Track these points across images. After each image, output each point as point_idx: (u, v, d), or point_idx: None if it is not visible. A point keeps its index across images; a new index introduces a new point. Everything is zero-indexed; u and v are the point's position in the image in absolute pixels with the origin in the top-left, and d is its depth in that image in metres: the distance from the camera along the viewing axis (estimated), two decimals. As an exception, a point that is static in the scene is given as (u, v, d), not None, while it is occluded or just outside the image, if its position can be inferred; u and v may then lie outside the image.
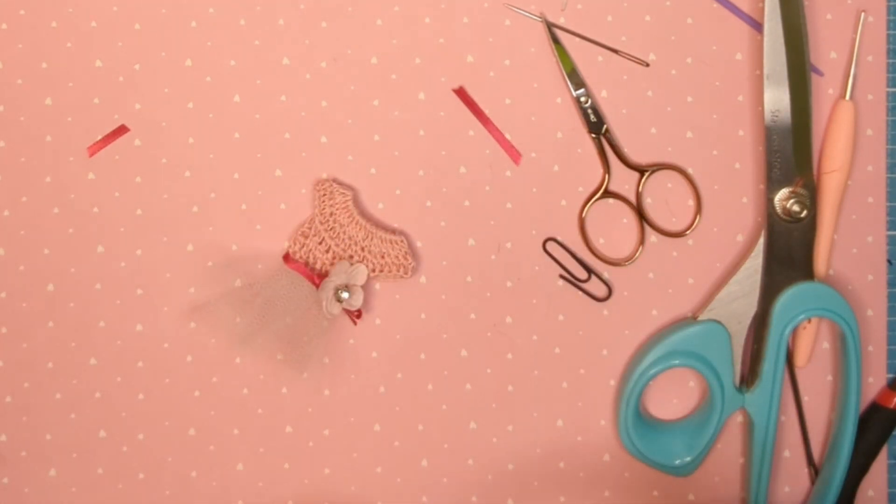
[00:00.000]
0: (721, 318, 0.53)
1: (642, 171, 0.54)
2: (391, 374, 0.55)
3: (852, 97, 0.54)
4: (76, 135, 0.54)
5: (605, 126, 0.54)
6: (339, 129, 0.55)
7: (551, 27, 0.54)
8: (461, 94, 0.54)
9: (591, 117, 0.54)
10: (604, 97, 0.55)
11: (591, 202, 0.54)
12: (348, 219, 0.53)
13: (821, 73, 0.54)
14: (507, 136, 0.55)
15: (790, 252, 0.52)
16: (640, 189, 0.54)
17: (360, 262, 0.53)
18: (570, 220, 0.55)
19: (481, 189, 0.55)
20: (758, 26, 0.54)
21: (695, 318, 0.53)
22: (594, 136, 0.54)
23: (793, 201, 0.52)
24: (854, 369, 0.52)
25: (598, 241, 0.55)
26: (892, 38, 0.55)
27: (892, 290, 0.55)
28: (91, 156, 0.54)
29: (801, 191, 0.52)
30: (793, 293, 0.52)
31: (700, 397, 0.55)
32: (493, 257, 0.55)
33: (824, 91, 0.55)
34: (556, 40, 0.54)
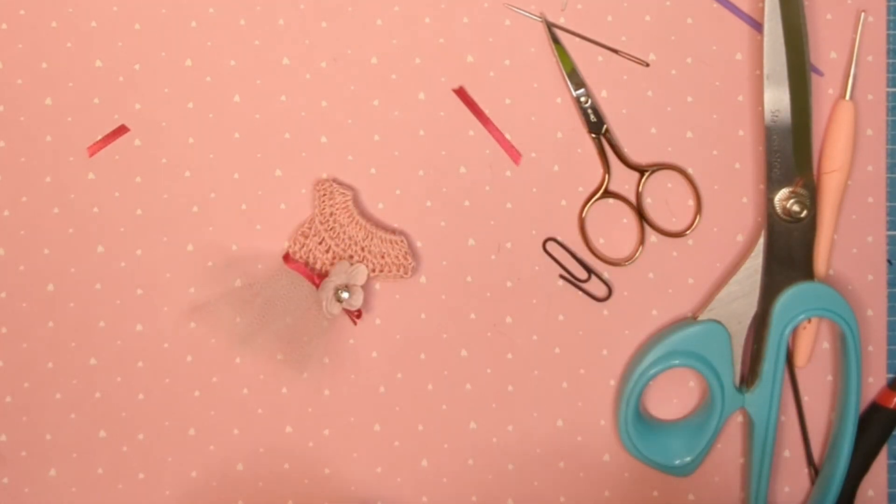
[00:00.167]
0: (721, 318, 0.53)
1: (642, 171, 0.54)
2: (391, 374, 0.55)
3: (852, 97, 0.54)
4: (76, 135, 0.54)
5: (605, 126, 0.54)
6: (339, 129, 0.55)
7: (551, 27, 0.54)
8: (461, 94, 0.54)
9: (591, 117, 0.54)
10: (604, 97, 0.55)
11: (591, 202, 0.54)
12: (348, 219, 0.53)
13: (821, 73, 0.54)
14: (507, 136, 0.55)
15: (790, 252, 0.52)
16: (640, 189, 0.54)
17: (360, 262, 0.53)
18: (570, 220, 0.55)
19: (481, 189, 0.55)
20: (758, 26, 0.54)
21: (695, 318, 0.53)
22: (594, 136, 0.54)
23: (793, 201, 0.52)
24: (854, 369, 0.52)
25: (598, 241, 0.55)
26: (892, 38, 0.55)
27: (892, 290, 0.55)
28: (91, 156, 0.54)
29: (801, 191, 0.52)
30: (793, 293, 0.52)
31: (700, 397, 0.55)
32: (493, 257, 0.55)
33: (824, 91, 0.55)
34: (556, 40, 0.54)
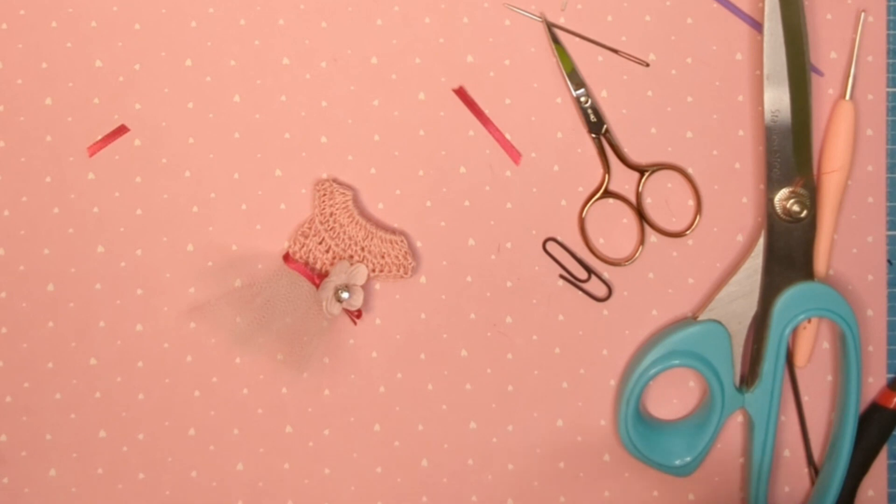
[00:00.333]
0: (721, 318, 0.53)
1: (642, 171, 0.54)
2: (391, 374, 0.55)
3: (852, 97, 0.54)
4: (76, 135, 0.54)
5: (605, 126, 0.54)
6: (339, 129, 0.55)
7: (551, 27, 0.54)
8: (461, 94, 0.54)
9: (591, 117, 0.54)
10: (604, 97, 0.55)
11: (591, 202, 0.54)
12: (348, 219, 0.53)
13: (821, 73, 0.54)
14: (507, 136, 0.55)
15: (790, 252, 0.52)
16: (640, 189, 0.54)
17: (360, 262, 0.53)
18: (570, 220, 0.55)
19: (481, 189, 0.55)
20: (758, 26, 0.54)
21: (695, 318, 0.53)
22: (594, 136, 0.54)
23: (793, 201, 0.52)
24: (854, 369, 0.52)
25: (598, 241, 0.55)
26: (892, 38, 0.55)
27: (892, 290, 0.55)
28: (91, 156, 0.54)
29: (801, 191, 0.52)
30: (793, 293, 0.52)
31: (700, 397, 0.55)
32: (493, 257, 0.55)
33: (824, 91, 0.55)
34: (556, 40, 0.54)
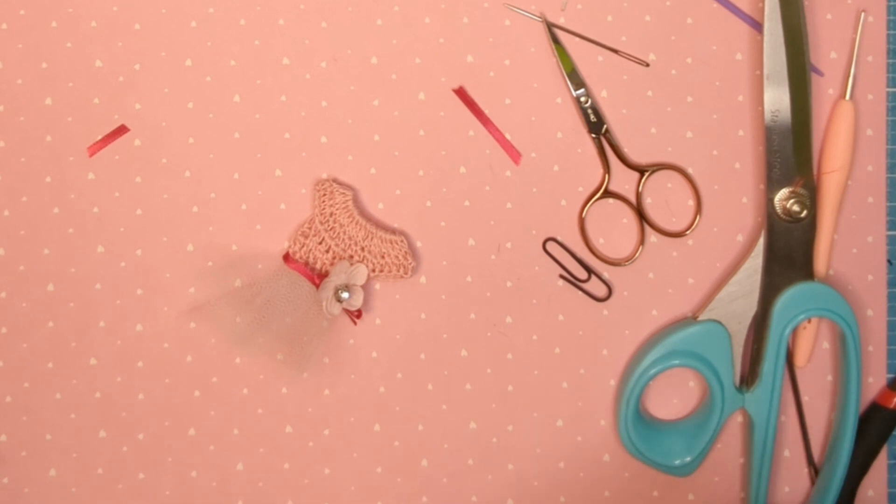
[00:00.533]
0: (721, 318, 0.53)
1: (642, 171, 0.54)
2: (391, 374, 0.55)
3: (852, 97, 0.54)
4: (76, 135, 0.54)
5: (605, 126, 0.54)
6: (339, 129, 0.55)
7: (551, 27, 0.54)
8: (461, 94, 0.54)
9: (591, 117, 0.54)
10: (604, 97, 0.55)
11: (591, 202, 0.54)
12: (348, 219, 0.53)
13: (821, 73, 0.54)
14: (507, 136, 0.55)
15: (790, 252, 0.52)
16: (640, 189, 0.54)
17: (360, 262, 0.53)
18: (570, 220, 0.55)
19: (481, 189, 0.55)
20: (758, 26, 0.54)
21: (695, 318, 0.53)
22: (594, 136, 0.54)
23: (793, 201, 0.52)
24: (854, 369, 0.52)
25: (598, 241, 0.55)
26: (892, 38, 0.55)
27: (892, 290, 0.55)
28: (91, 156, 0.54)
29: (801, 191, 0.52)
30: (793, 293, 0.52)
31: (700, 397, 0.55)
32: (493, 257, 0.55)
33: (824, 91, 0.55)
34: (556, 40, 0.54)
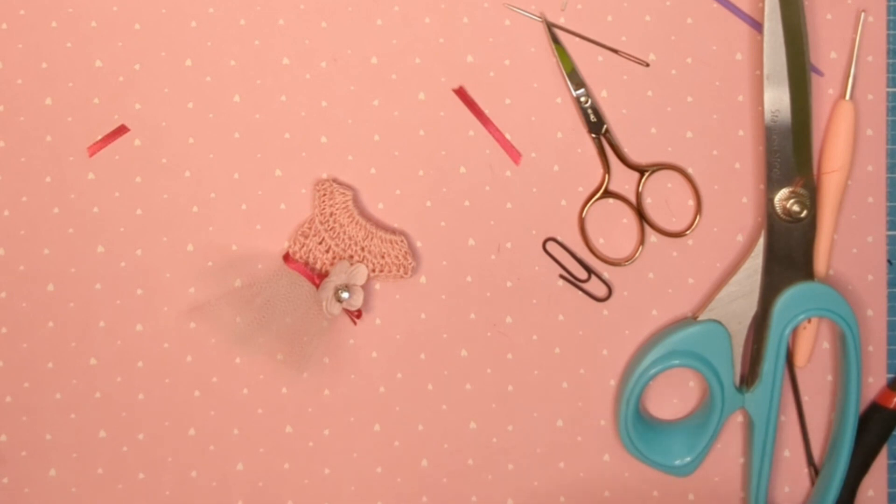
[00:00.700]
0: (721, 318, 0.53)
1: (642, 171, 0.54)
2: (391, 374, 0.55)
3: (852, 97, 0.54)
4: (76, 135, 0.54)
5: (605, 126, 0.54)
6: (339, 129, 0.55)
7: (551, 27, 0.54)
8: (461, 94, 0.54)
9: (591, 117, 0.54)
10: (604, 97, 0.55)
11: (591, 202, 0.54)
12: (348, 219, 0.53)
13: (821, 73, 0.54)
14: (507, 136, 0.55)
15: (790, 252, 0.52)
16: (640, 189, 0.54)
17: (360, 262, 0.53)
18: (570, 220, 0.55)
19: (481, 189, 0.55)
20: (758, 26, 0.54)
21: (695, 318, 0.53)
22: (594, 136, 0.54)
23: (793, 201, 0.52)
24: (854, 369, 0.52)
25: (598, 241, 0.55)
26: (892, 38, 0.55)
27: (892, 290, 0.55)
28: (91, 156, 0.54)
29: (801, 191, 0.52)
30: (793, 293, 0.52)
31: (700, 397, 0.55)
32: (493, 257, 0.55)
33: (824, 91, 0.55)
34: (556, 40, 0.54)
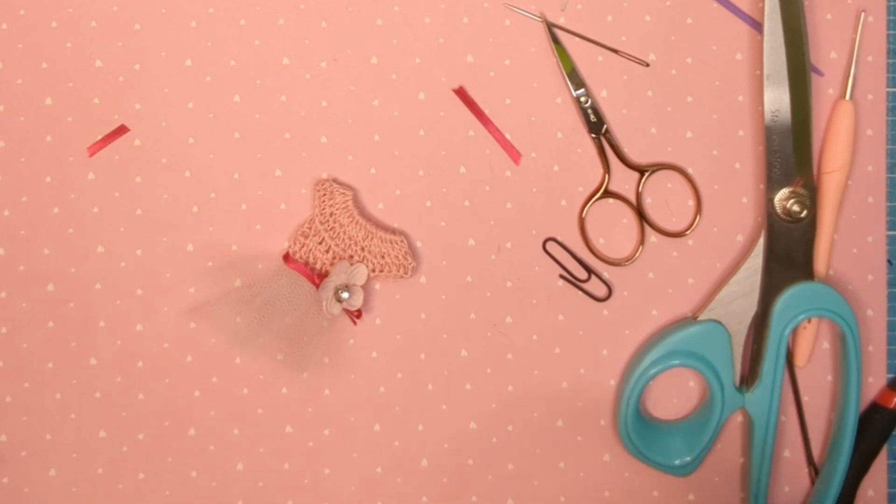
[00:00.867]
0: (721, 318, 0.53)
1: (642, 171, 0.54)
2: (391, 374, 0.55)
3: (852, 97, 0.54)
4: (76, 135, 0.54)
5: (605, 126, 0.54)
6: (339, 129, 0.55)
7: (551, 27, 0.54)
8: (461, 94, 0.54)
9: (591, 117, 0.54)
10: (604, 97, 0.55)
11: (591, 202, 0.54)
12: (348, 219, 0.53)
13: (821, 73, 0.54)
14: (507, 136, 0.55)
15: (790, 252, 0.52)
16: (640, 189, 0.54)
17: (360, 262, 0.53)
18: (570, 220, 0.55)
19: (481, 189, 0.55)
20: (758, 26, 0.54)
21: (695, 318, 0.53)
22: (594, 136, 0.54)
23: (793, 201, 0.52)
24: (854, 369, 0.52)
25: (598, 241, 0.55)
26: (892, 38, 0.55)
27: (892, 290, 0.55)
28: (91, 156, 0.54)
29: (801, 191, 0.52)
30: (793, 293, 0.52)
31: (700, 397, 0.55)
32: (493, 257, 0.55)
33: (824, 91, 0.55)
34: (556, 40, 0.54)
